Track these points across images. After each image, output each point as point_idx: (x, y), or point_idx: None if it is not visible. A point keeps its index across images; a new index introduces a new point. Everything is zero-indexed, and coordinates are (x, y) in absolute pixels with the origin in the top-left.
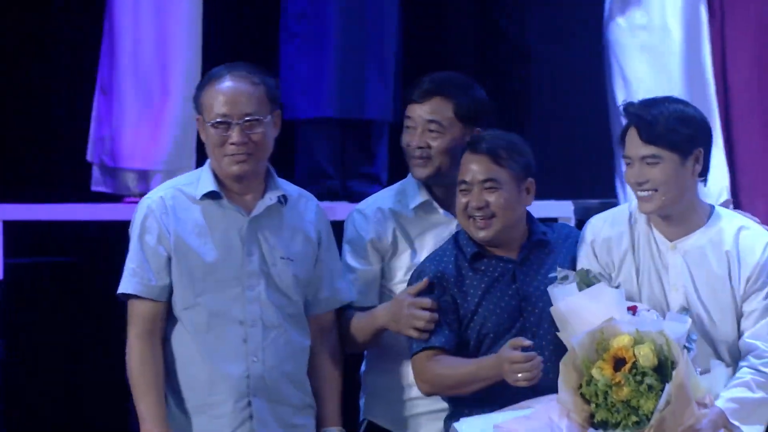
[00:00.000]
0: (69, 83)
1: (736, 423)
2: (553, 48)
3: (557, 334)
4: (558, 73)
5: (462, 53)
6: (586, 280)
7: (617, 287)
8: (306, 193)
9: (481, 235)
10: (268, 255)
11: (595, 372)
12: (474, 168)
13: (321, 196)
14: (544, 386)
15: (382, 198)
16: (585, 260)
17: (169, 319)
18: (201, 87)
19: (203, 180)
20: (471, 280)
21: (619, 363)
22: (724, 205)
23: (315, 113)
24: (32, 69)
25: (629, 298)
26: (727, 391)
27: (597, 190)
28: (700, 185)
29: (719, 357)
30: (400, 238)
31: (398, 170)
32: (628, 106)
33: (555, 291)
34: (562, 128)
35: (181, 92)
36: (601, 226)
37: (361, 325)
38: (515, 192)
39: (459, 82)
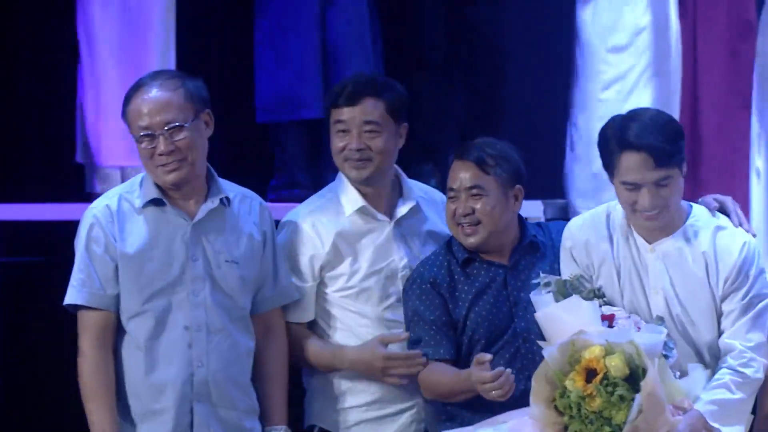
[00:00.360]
0: (59, 83)
1: (716, 425)
2: (524, 45)
3: (540, 343)
4: (529, 70)
5: (433, 49)
6: (563, 291)
7: (599, 289)
8: (249, 192)
9: (469, 241)
10: (213, 259)
11: (568, 383)
12: (461, 175)
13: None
14: None
15: (315, 207)
16: (565, 265)
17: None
18: (125, 103)
19: (145, 188)
20: (463, 285)
21: (590, 374)
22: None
23: (298, 115)
24: (20, 70)
25: (610, 301)
26: (706, 394)
27: (566, 189)
28: None
29: (700, 358)
30: (340, 246)
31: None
32: (628, 133)
33: (536, 299)
34: (533, 126)
35: None
36: (578, 230)
37: (323, 357)
38: (502, 199)
39: (382, 80)
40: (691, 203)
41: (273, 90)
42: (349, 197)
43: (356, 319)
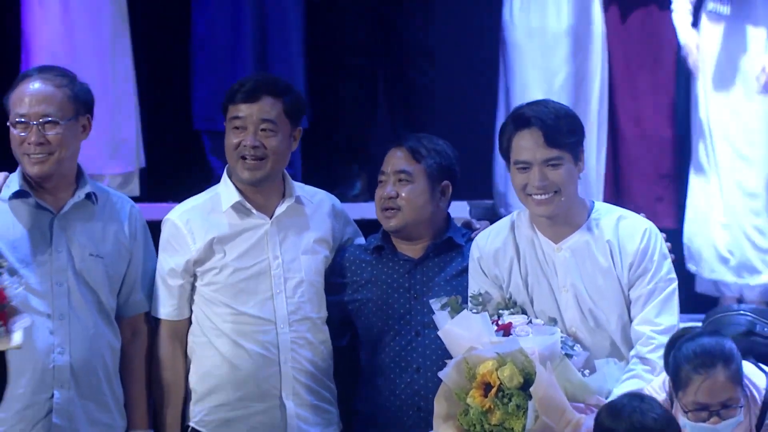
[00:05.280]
0: None
1: None
2: (453, 49)
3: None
4: (457, 73)
5: (360, 53)
6: (457, 308)
7: (509, 297)
8: (122, 195)
9: (388, 224)
10: (77, 251)
11: (470, 400)
12: (393, 160)
13: None
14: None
15: (193, 206)
16: (474, 277)
17: None
18: (12, 89)
19: (12, 180)
20: (363, 272)
21: (487, 388)
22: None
23: None
24: None
25: (522, 306)
26: (619, 387)
27: (492, 191)
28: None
29: (616, 349)
30: (213, 242)
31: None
32: (523, 110)
33: (437, 318)
34: (460, 127)
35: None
36: (485, 241)
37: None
38: (427, 190)
39: (281, 81)
40: (593, 200)
41: (214, 98)
42: (227, 193)
43: (223, 314)
